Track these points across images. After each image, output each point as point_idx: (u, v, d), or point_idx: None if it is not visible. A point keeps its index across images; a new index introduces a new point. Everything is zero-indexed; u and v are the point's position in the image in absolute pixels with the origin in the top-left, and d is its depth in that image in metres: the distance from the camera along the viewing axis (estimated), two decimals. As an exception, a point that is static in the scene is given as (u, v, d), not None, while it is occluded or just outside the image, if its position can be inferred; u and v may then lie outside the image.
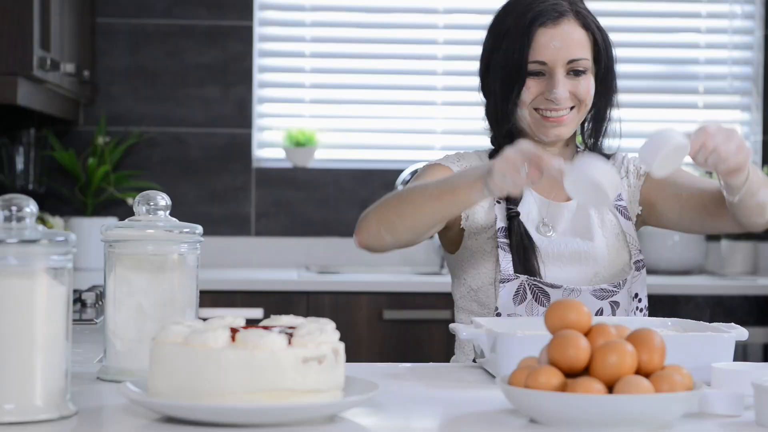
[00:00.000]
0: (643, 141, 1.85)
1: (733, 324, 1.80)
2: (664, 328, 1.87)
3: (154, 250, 1.66)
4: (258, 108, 4.38)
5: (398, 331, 3.71)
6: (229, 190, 4.31)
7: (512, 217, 2.13)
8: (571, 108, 2.12)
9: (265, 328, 1.42)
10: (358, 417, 1.44)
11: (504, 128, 2.15)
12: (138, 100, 4.28)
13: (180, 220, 4.65)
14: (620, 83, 4.40)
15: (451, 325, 1.79)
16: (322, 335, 1.40)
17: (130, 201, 4.13)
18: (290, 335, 1.39)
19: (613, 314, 2.09)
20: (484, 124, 2.22)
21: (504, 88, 2.12)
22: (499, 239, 2.11)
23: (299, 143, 4.29)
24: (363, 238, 2.00)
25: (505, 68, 2.11)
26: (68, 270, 1.41)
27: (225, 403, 1.34)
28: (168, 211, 1.70)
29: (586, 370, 1.40)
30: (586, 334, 1.44)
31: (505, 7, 2.17)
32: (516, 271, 2.09)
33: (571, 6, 2.13)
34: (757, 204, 1.97)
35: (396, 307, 3.71)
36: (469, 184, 1.87)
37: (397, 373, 1.79)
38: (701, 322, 1.85)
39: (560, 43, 2.09)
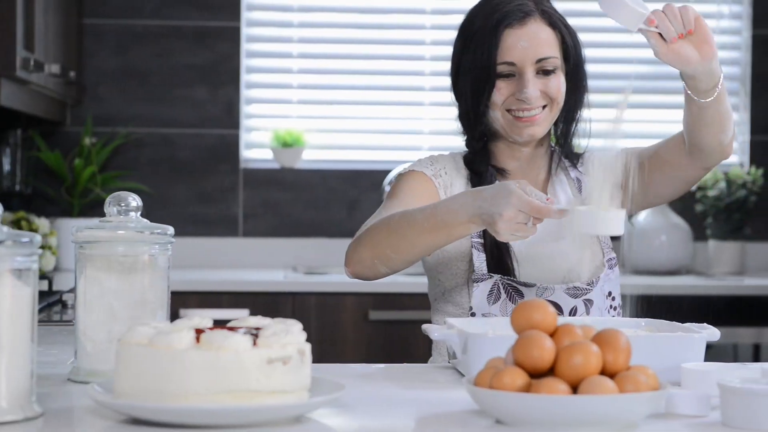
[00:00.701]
0: (628, 142, 1.89)
1: (705, 324, 1.81)
2: (638, 328, 1.87)
3: (124, 251, 1.66)
4: (246, 109, 4.38)
5: (384, 332, 3.71)
6: (217, 190, 4.32)
7: (486, 218, 2.13)
8: (543, 107, 2.12)
9: (231, 329, 1.42)
10: (325, 417, 1.44)
11: (477, 130, 2.16)
12: (126, 101, 4.28)
13: (168, 220, 4.64)
14: (606, 84, 4.47)
15: (424, 326, 1.80)
16: (288, 336, 1.40)
17: (117, 202, 4.13)
18: (255, 336, 1.39)
19: (587, 313, 2.10)
20: (458, 126, 2.22)
21: (474, 91, 2.13)
22: (473, 239, 2.12)
23: (287, 144, 4.29)
24: (356, 269, 2.02)
25: (474, 70, 2.12)
26: (33, 271, 1.41)
27: (189, 405, 1.34)
28: (139, 212, 1.70)
29: (551, 371, 1.40)
30: (552, 334, 1.44)
31: (472, 10, 2.18)
32: (490, 270, 2.10)
33: (537, 5, 2.14)
34: (724, 111, 1.97)
35: (382, 308, 3.71)
36: (464, 223, 1.87)
37: (369, 374, 1.79)
38: (674, 322, 1.85)
39: (528, 42, 2.10)
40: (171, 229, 1.71)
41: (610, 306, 2.16)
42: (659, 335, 1.75)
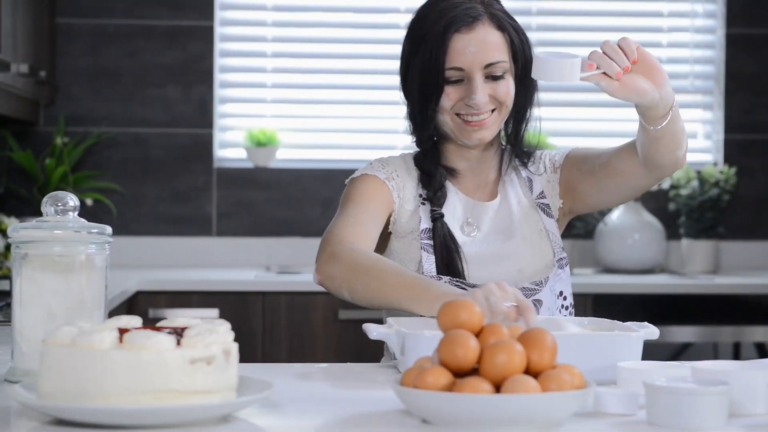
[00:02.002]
0: (605, 140, 1.89)
1: (645, 323, 1.80)
2: (581, 326, 1.87)
3: (61, 251, 1.66)
4: (219, 108, 4.38)
5: (354, 331, 3.71)
6: (191, 190, 4.31)
7: (436, 219, 2.13)
8: (492, 111, 2.12)
9: (156, 329, 1.42)
10: (253, 417, 1.44)
11: (426, 132, 2.16)
12: (99, 101, 4.28)
13: (141, 220, 4.61)
14: (582, 82, 4.45)
15: (364, 325, 1.79)
16: (212, 336, 1.40)
17: (89, 201, 4.13)
18: (179, 336, 1.39)
19: (537, 312, 2.09)
20: (407, 126, 2.22)
21: (423, 95, 2.12)
22: (422, 240, 2.11)
23: (260, 143, 4.29)
24: (324, 282, 2.00)
25: (422, 74, 2.11)
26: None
27: (111, 405, 1.34)
28: (77, 212, 1.69)
29: (477, 370, 1.40)
30: (478, 333, 1.44)
31: (420, 11, 2.16)
32: (440, 272, 2.09)
33: (485, 8, 2.13)
34: (677, 132, 1.95)
35: (352, 308, 3.71)
36: (431, 299, 1.84)
37: (308, 373, 1.79)
38: (616, 321, 1.85)
39: (476, 48, 2.09)
40: (109, 229, 1.70)
41: (562, 306, 2.16)
42: (595, 334, 1.75)
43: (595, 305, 3.84)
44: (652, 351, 3.96)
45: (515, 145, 2.22)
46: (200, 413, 1.37)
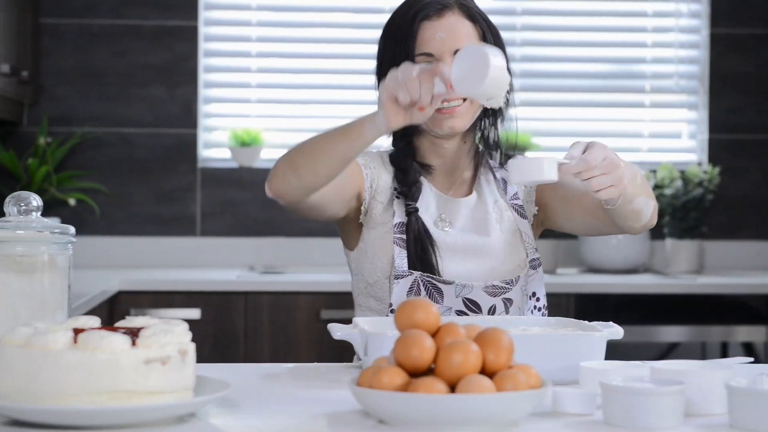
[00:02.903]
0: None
1: (610, 323, 1.81)
2: (548, 326, 1.87)
3: (23, 251, 1.66)
4: (204, 108, 4.37)
5: (336, 331, 3.70)
6: (175, 190, 4.31)
7: (410, 213, 2.13)
8: (464, 100, 2.12)
9: (112, 329, 1.42)
10: (210, 417, 1.44)
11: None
12: (84, 101, 4.28)
13: (126, 220, 4.60)
14: (568, 82, 4.49)
15: (329, 326, 1.79)
16: (168, 336, 1.40)
17: (72, 201, 4.13)
18: (135, 336, 1.39)
19: (507, 311, 2.10)
20: None
21: None
22: (395, 235, 2.11)
23: (244, 143, 4.29)
24: (273, 184, 1.97)
25: (393, 64, 2.11)
26: None
27: (65, 406, 1.34)
28: (39, 212, 1.69)
29: (433, 370, 1.40)
30: (435, 333, 1.44)
31: (395, 10, 2.18)
32: (413, 267, 2.09)
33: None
34: (632, 210, 1.99)
35: (334, 307, 3.71)
36: (362, 120, 1.88)
37: (274, 374, 1.79)
38: (582, 321, 1.85)
39: (445, 34, 2.10)
40: (72, 229, 1.70)
41: (534, 307, 2.16)
42: (558, 334, 1.75)
43: (578, 305, 3.84)
44: (639, 351, 3.99)
45: (490, 145, 2.22)
46: (154, 413, 1.37)
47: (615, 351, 3.75)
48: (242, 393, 1.58)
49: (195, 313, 3.69)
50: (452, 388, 1.38)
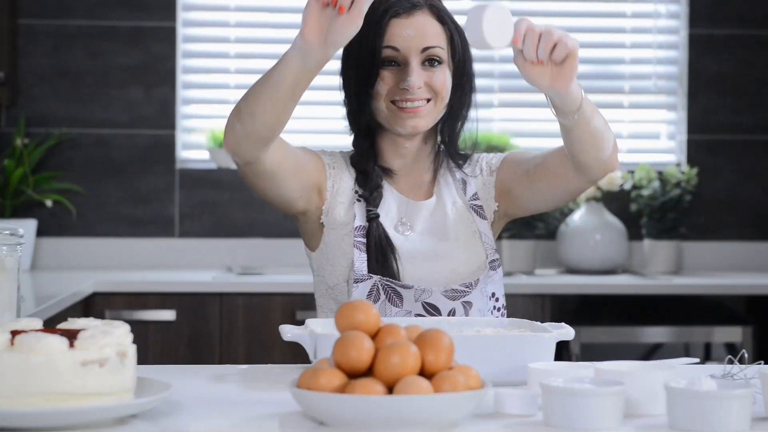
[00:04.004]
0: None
1: (562, 324, 1.80)
2: (501, 327, 1.87)
3: (-29, 253, 1.65)
4: (182, 109, 4.37)
5: (311, 332, 3.70)
6: (153, 191, 4.31)
7: (371, 219, 2.13)
8: (428, 101, 2.11)
9: (51, 331, 1.41)
10: (150, 419, 1.44)
11: (362, 122, 2.16)
12: (61, 102, 4.27)
13: (103, 221, 4.58)
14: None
15: (280, 327, 1.79)
16: (106, 338, 1.39)
17: (48, 203, 4.12)
18: (73, 338, 1.39)
19: (467, 314, 2.10)
20: (345, 125, 2.22)
21: (359, 81, 2.13)
22: (355, 238, 2.11)
23: (223, 144, 4.28)
24: (226, 139, 1.96)
25: (359, 58, 2.12)
26: None
27: (0, 408, 1.34)
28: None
29: (372, 372, 1.40)
30: (375, 334, 1.44)
31: None
32: (372, 270, 2.09)
33: (426, 0, 2.14)
34: (591, 132, 1.93)
35: (309, 308, 3.70)
36: (285, 57, 1.86)
37: (224, 375, 1.79)
38: (535, 322, 1.85)
39: (413, 32, 2.10)
40: (20, 231, 1.70)
41: (494, 307, 2.16)
42: (507, 335, 1.74)
43: (554, 306, 3.84)
44: (621, 352, 3.98)
45: (451, 146, 2.22)
46: (91, 415, 1.36)
47: (598, 352, 3.80)
48: (187, 395, 1.58)
49: (170, 315, 3.68)
50: (391, 389, 1.37)
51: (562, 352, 3.84)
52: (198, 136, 4.37)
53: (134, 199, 4.29)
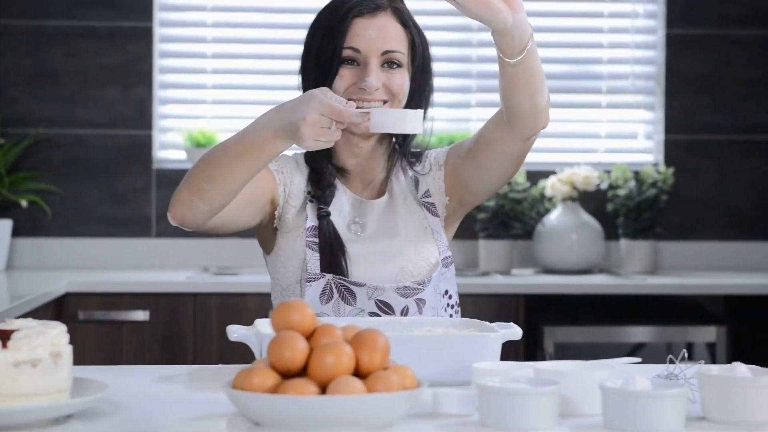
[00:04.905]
0: (546, 141, 1.92)
1: (510, 324, 1.80)
2: (452, 327, 1.87)
3: None
4: (159, 109, 4.37)
5: (284, 332, 3.70)
6: (130, 191, 4.30)
7: (322, 217, 2.13)
8: (384, 102, 2.11)
9: (-15, 331, 1.41)
10: (85, 419, 1.43)
11: None
12: (37, 102, 4.27)
13: (80, 221, 4.59)
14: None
15: (228, 327, 1.79)
16: (40, 338, 1.39)
17: (24, 203, 4.11)
18: (6, 339, 1.38)
19: (420, 312, 2.10)
20: None
21: (318, 78, 2.14)
22: (307, 238, 2.11)
23: (200, 144, 4.28)
24: (176, 212, 1.97)
25: (319, 55, 2.12)
26: None
27: (-68, 407, 1.33)
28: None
29: (306, 372, 1.40)
30: (311, 335, 1.44)
31: (328, 3, 2.18)
32: (324, 270, 2.09)
33: (390, 2, 2.15)
34: (536, 72, 1.93)
35: (282, 308, 3.70)
36: (271, 139, 1.87)
37: (171, 375, 1.79)
38: (484, 322, 1.85)
39: (375, 33, 2.10)
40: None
41: (447, 304, 2.16)
42: (451, 335, 1.74)
43: (529, 306, 3.84)
44: (599, 352, 3.97)
45: (404, 145, 2.22)
46: (21, 416, 1.36)
47: (574, 352, 3.79)
48: (130, 395, 1.58)
49: (143, 315, 3.68)
50: (325, 389, 1.37)
51: (536, 352, 3.85)
52: (175, 136, 4.36)
53: (111, 199, 4.29)
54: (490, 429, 1.40)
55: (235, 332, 1.74)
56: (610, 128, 4.49)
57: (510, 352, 3.71)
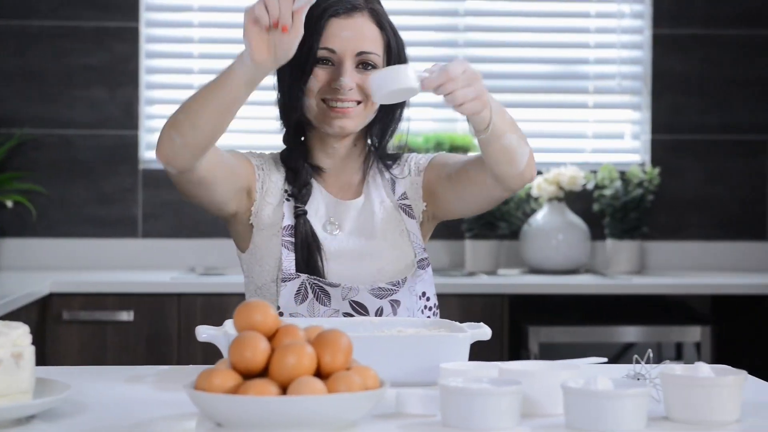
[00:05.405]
0: (532, 141, 1.94)
1: (480, 324, 1.80)
2: (423, 327, 1.87)
3: None
4: (146, 109, 4.36)
5: (269, 332, 3.69)
6: (116, 191, 4.30)
7: (299, 216, 2.13)
8: (358, 102, 2.12)
9: (-53, 331, 1.41)
10: (47, 420, 1.43)
11: (292, 118, 2.16)
12: (23, 102, 4.26)
13: (67, 222, 4.59)
14: (510, 83, 4.48)
15: (196, 328, 1.79)
16: (0, 339, 1.39)
17: (9, 203, 4.11)
18: (-32, 339, 1.38)
19: (394, 313, 2.10)
20: (278, 123, 2.23)
21: (293, 77, 2.14)
22: (283, 237, 2.11)
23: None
24: (159, 148, 1.95)
25: (294, 57, 2.12)
26: None
27: None
28: None
29: (268, 372, 1.40)
30: (273, 335, 1.44)
31: None
32: (299, 269, 2.09)
33: (366, 3, 2.15)
34: (503, 148, 1.97)
35: (266, 308, 3.70)
36: (232, 67, 1.89)
37: (138, 376, 1.79)
38: (454, 322, 1.84)
39: (351, 33, 2.11)
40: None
41: (425, 306, 2.16)
42: (419, 335, 1.74)
43: (515, 306, 3.84)
44: (586, 352, 3.97)
45: (380, 147, 2.22)
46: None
47: (559, 352, 3.79)
48: (96, 396, 1.58)
49: (128, 315, 3.68)
50: (286, 390, 1.37)
51: (521, 352, 3.85)
52: (162, 136, 4.35)
53: (98, 199, 4.28)
54: (452, 429, 1.40)
55: (204, 333, 1.74)
56: (597, 128, 4.49)
57: (495, 352, 3.72)
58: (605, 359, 1.70)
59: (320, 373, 1.40)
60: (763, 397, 1.63)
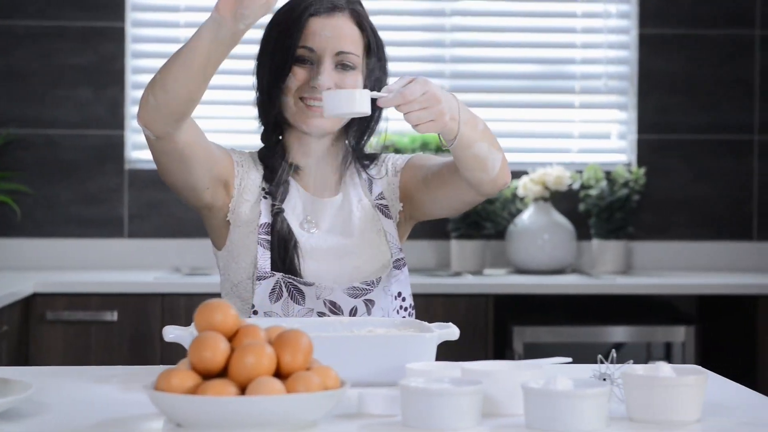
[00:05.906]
0: (518, 141, 1.94)
1: (449, 324, 1.80)
2: (393, 327, 1.86)
3: None
4: (132, 109, 4.36)
5: (253, 333, 3.69)
6: (102, 191, 4.30)
7: (276, 214, 2.13)
8: None
9: None
10: (8, 420, 1.43)
11: (270, 116, 2.16)
12: (9, 102, 4.26)
13: (53, 222, 4.59)
14: (497, 83, 4.48)
15: (164, 328, 1.79)
16: (-40, 338, 1.39)
17: (-6, 203, 4.11)
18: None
19: (369, 313, 2.10)
20: (256, 123, 2.23)
21: (272, 75, 2.14)
22: (259, 235, 2.11)
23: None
24: (140, 112, 1.95)
25: (274, 54, 2.13)
26: None
27: None
28: None
29: (228, 372, 1.39)
30: (234, 335, 1.43)
31: (284, 4, 2.19)
32: (275, 268, 2.09)
33: (347, 4, 2.15)
34: (474, 156, 1.99)
35: (250, 309, 3.70)
36: (202, 28, 1.90)
37: (106, 376, 1.78)
38: (424, 322, 1.84)
39: (331, 33, 2.11)
40: None
41: (400, 306, 2.16)
42: (386, 335, 1.74)
43: (500, 306, 3.84)
44: (571, 352, 3.96)
45: (358, 147, 2.22)
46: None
47: (544, 352, 3.79)
48: (61, 396, 1.58)
49: (111, 315, 3.67)
50: (245, 390, 1.37)
51: (505, 352, 3.85)
52: (148, 136, 4.35)
53: (83, 199, 4.28)
54: (413, 429, 1.40)
55: (171, 333, 1.74)
56: (583, 128, 4.49)
57: (479, 352, 3.72)
58: (569, 359, 1.70)
59: (280, 374, 1.40)
60: (727, 397, 1.63)
